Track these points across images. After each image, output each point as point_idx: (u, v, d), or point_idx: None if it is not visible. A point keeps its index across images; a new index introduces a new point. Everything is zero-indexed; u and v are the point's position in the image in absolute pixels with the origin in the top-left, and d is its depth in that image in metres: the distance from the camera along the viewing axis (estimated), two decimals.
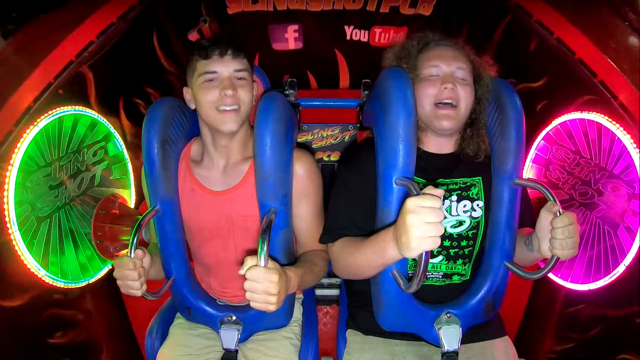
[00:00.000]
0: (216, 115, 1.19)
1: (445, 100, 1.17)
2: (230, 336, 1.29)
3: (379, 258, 1.01)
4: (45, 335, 1.51)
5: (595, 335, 1.62)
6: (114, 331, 1.83)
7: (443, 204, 1.21)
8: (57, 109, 1.47)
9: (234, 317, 1.30)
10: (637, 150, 1.37)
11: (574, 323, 1.70)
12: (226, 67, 1.19)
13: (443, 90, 1.17)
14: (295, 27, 2.56)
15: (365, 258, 1.07)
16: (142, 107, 2.01)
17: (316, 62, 2.70)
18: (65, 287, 1.51)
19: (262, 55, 2.59)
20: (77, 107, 1.56)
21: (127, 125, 1.89)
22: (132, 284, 1.10)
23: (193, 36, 2.44)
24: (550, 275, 1.68)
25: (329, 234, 1.23)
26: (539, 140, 1.80)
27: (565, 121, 1.64)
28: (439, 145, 1.26)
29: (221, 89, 1.17)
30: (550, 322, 1.79)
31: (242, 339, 1.31)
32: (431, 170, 1.23)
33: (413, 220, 0.83)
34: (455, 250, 1.23)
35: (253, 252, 0.99)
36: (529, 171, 1.86)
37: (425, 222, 0.83)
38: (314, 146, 2.17)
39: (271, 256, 1.01)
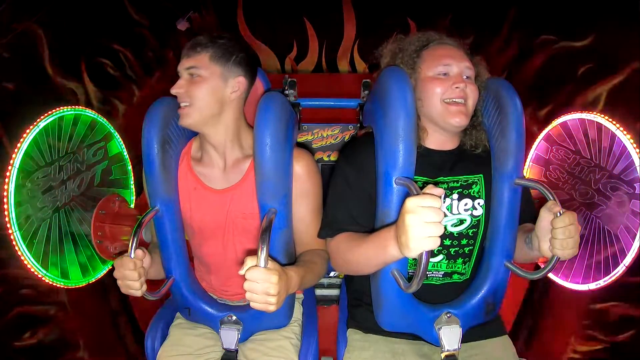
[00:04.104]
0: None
1: (456, 99, 1.17)
2: (230, 336, 1.29)
3: (379, 256, 1.02)
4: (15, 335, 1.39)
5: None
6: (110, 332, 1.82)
7: (444, 202, 1.21)
8: (58, 109, 1.47)
9: (234, 317, 1.30)
10: (637, 150, 1.37)
11: (576, 323, 1.69)
12: (182, 65, 1.23)
13: (454, 89, 1.17)
14: None
15: (365, 255, 1.07)
16: (109, 67, 1.67)
17: (314, 5, 2.25)
18: (65, 287, 1.51)
19: None
20: (77, 107, 1.56)
21: (92, 90, 1.62)
22: (132, 284, 1.10)
23: (182, 25, 2.30)
24: (549, 275, 1.68)
25: (328, 229, 1.23)
26: (539, 140, 1.80)
27: (565, 121, 1.64)
28: (441, 141, 1.25)
29: None
30: (548, 321, 1.79)
31: (242, 339, 1.31)
32: (432, 167, 1.23)
33: (412, 220, 0.84)
34: (456, 249, 1.23)
35: (253, 252, 0.99)
36: (529, 171, 1.86)
37: (425, 222, 0.83)
38: (314, 146, 2.17)
39: (271, 256, 1.01)
